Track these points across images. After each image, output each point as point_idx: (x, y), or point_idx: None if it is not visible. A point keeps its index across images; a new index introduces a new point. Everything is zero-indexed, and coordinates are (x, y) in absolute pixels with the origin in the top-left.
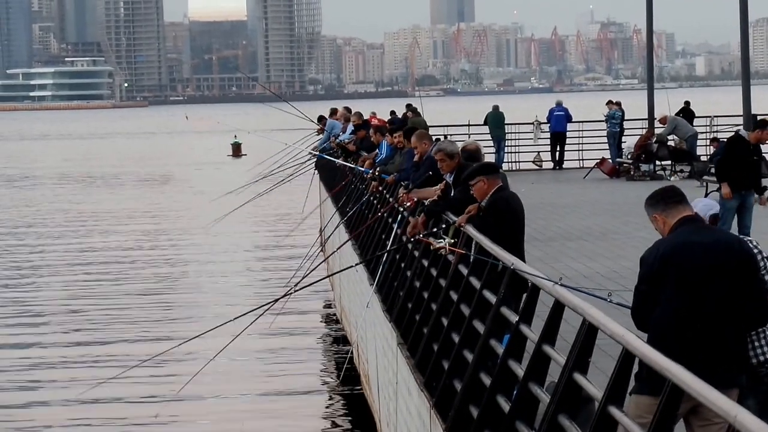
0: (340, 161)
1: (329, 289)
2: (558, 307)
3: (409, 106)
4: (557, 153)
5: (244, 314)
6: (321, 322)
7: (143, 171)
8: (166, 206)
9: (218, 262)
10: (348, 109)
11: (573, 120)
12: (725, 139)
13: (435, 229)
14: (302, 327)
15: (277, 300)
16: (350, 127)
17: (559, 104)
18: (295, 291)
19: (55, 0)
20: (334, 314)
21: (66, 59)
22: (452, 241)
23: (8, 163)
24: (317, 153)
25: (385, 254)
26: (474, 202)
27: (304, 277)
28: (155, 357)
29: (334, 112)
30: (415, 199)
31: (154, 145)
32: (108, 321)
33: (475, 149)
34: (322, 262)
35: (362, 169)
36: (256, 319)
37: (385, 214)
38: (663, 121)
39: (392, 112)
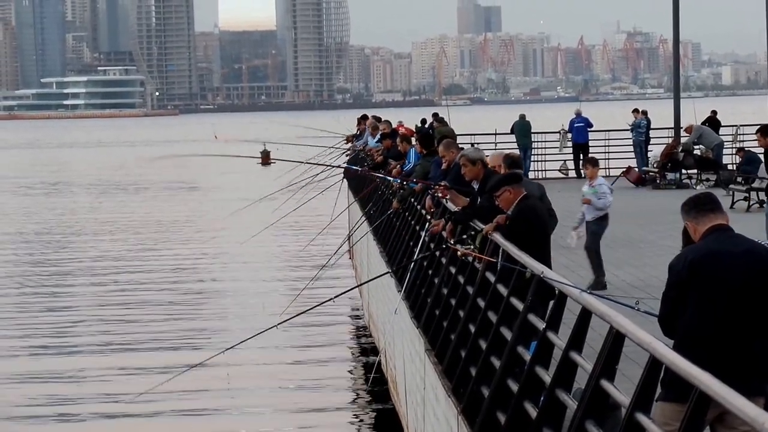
0: (368, 170)
1: (357, 296)
2: (585, 315)
3: (435, 115)
4: (581, 162)
5: (274, 326)
6: (348, 328)
7: (173, 179)
8: (193, 214)
9: (247, 269)
10: (377, 119)
11: (594, 127)
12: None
13: (464, 236)
14: (329, 333)
15: (305, 311)
16: (378, 136)
17: (578, 114)
18: (326, 303)
19: (89, 10)
20: (362, 321)
21: (98, 68)
22: (479, 247)
23: (43, 170)
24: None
25: (413, 261)
26: (500, 211)
27: (336, 297)
28: (186, 370)
29: (364, 118)
30: (446, 200)
31: (184, 153)
32: (140, 330)
33: (518, 156)
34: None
35: (390, 178)
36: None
37: (413, 222)
38: (689, 130)
39: (423, 121)
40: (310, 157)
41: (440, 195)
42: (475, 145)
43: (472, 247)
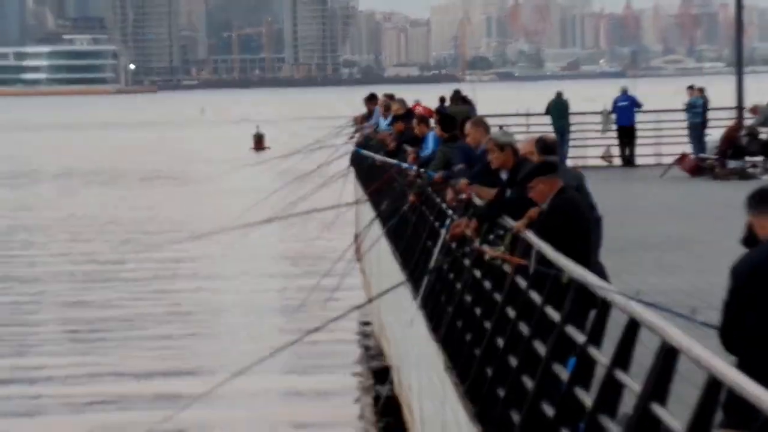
0: (379, 156)
1: (364, 298)
2: (632, 327)
3: (457, 93)
4: (626, 148)
5: (278, 350)
6: (356, 341)
7: (151, 168)
8: (176, 210)
9: (238, 276)
10: (389, 97)
11: (642, 107)
12: None
13: (490, 235)
14: (335, 347)
15: (305, 335)
16: (390, 118)
17: (624, 92)
18: (333, 321)
19: None
20: (371, 332)
21: (64, 37)
22: (509, 249)
23: None
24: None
25: (432, 264)
26: (533, 205)
27: (338, 318)
28: (193, 399)
29: (373, 98)
30: (472, 195)
31: (165, 138)
32: (119, 354)
33: (552, 141)
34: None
35: (405, 165)
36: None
37: (432, 218)
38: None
39: (442, 99)
40: (311, 141)
41: (464, 197)
42: (504, 128)
43: (500, 248)
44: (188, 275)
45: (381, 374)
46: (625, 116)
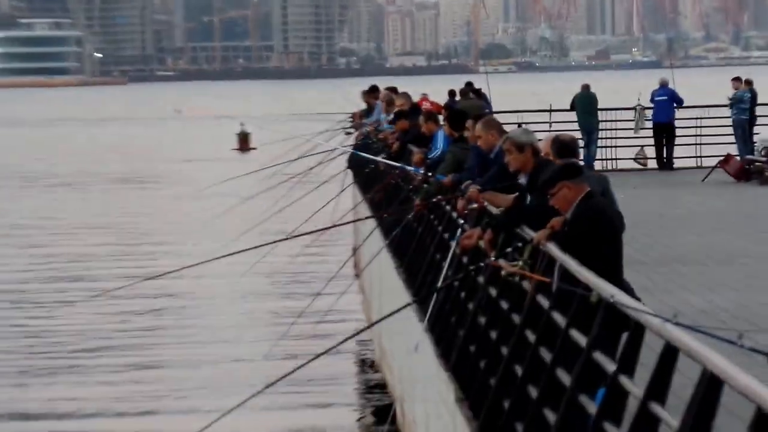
0: (380, 159)
1: (364, 323)
2: (670, 353)
3: (469, 85)
4: (664, 149)
5: (270, 385)
6: (354, 368)
7: (121, 170)
8: (150, 218)
9: (220, 295)
10: (392, 90)
11: (684, 104)
12: None
13: (507, 248)
14: (331, 378)
15: (293, 372)
16: (393, 115)
17: (663, 85)
18: (328, 352)
19: None
20: (371, 358)
21: (20, 20)
22: (528, 263)
23: None
24: (353, 148)
25: (441, 281)
26: (556, 214)
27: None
28: None
29: (373, 91)
30: (485, 204)
31: (137, 136)
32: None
33: (571, 140)
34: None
35: (410, 168)
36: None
37: (440, 228)
38: None
39: (452, 93)
40: (303, 141)
41: (476, 206)
42: (523, 126)
43: (518, 262)
44: (162, 295)
45: (383, 410)
46: (662, 112)
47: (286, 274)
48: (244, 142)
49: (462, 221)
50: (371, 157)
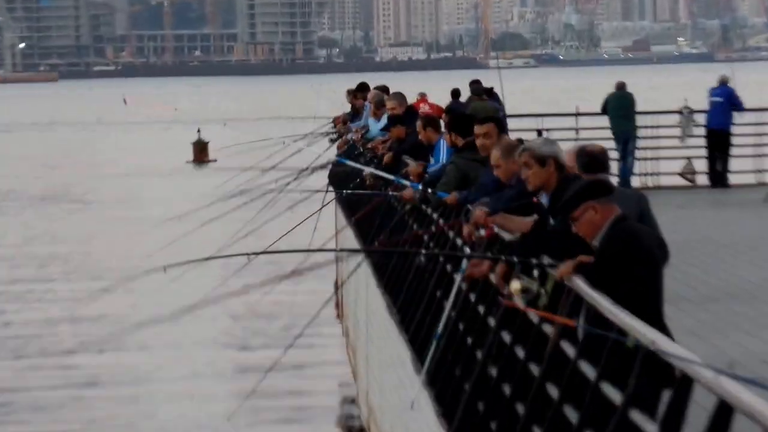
0: (369, 169)
1: (346, 374)
2: (724, 412)
3: (477, 83)
4: (717, 161)
5: None
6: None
7: (45, 186)
8: (82, 245)
9: (168, 343)
10: (383, 89)
11: (743, 108)
12: None
13: (524, 282)
14: None
15: None
16: (384, 119)
17: (723, 83)
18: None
19: None
20: (358, 416)
21: None
22: (547, 291)
23: None
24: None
25: (443, 323)
26: (582, 241)
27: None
28: None
29: (361, 90)
30: (495, 229)
31: (67, 144)
32: None
33: (600, 151)
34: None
35: (406, 182)
36: None
37: (442, 259)
38: None
39: (455, 92)
40: (275, 151)
41: (484, 234)
42: (545, 134)
43: (538, 299)
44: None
45: None
46: (717, 116)
47: (256, 316)
48: (201, 152)
49: (468, 250)
50: (360, 166)
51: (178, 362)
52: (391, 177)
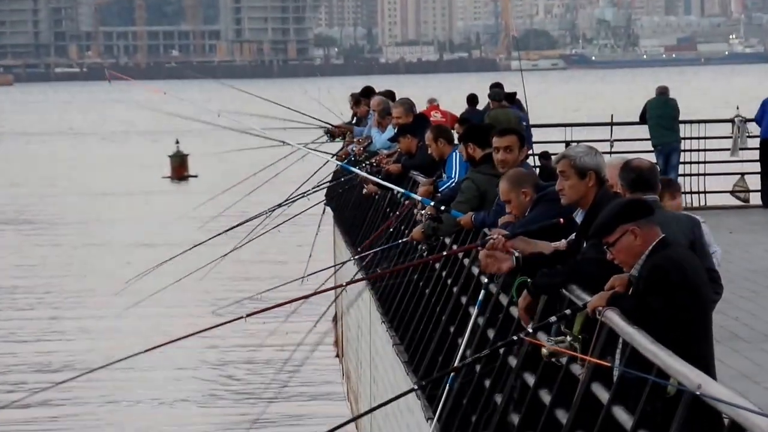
0: (374, 181)
1: (346, 415)
2: None
3: (496, 88)
4: None
5: None
6: None
7: (11, 205)
8: (49, 274)
9: (158, 393)
10: (389, 95)
11: None
12: None
13: (550, 318)
14: None
15: None
16: (390, 130)
17: None
18: None
19: None
20: None
21: None
22: (580, 339)
23: None
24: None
25: (457, 360)
26: (617, 269)
27: None
28: None
29: (367, 94)
30: (516, 254)
31: (26, 158)
32: None
33: (650, 168)
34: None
35: (417, 197)
36: None
37: (455, 290)
38: None
39: (472, 98)
40: (265, 166)
41: (507, 265)
42: (586, 145)
43: (566, 338)
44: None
45: None
46: None
47: (244, 357)
48: (180, 167)
49: (486, 280)
50: (365, 174)
51: (161, 407)
52: (399, 189)
